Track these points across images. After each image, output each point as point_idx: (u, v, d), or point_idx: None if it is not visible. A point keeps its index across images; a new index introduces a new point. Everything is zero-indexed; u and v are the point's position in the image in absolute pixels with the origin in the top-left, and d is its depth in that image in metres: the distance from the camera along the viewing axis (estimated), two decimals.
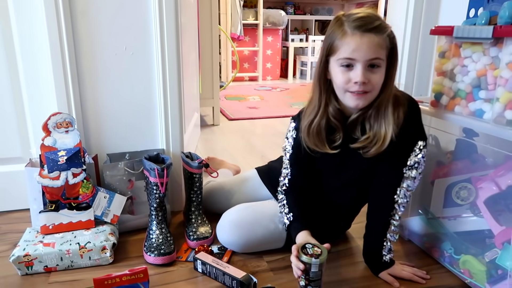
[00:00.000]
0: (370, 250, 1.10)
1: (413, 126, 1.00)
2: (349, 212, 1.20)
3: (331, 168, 1.09)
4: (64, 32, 1.20)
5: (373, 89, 0.92)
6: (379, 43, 0.88)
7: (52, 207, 1.16)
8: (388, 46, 0.91)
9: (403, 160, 1.00)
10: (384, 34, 0.89)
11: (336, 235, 1.25)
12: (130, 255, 1.16)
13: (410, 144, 1.00)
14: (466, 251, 1.04)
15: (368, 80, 0.90)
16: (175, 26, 1.27)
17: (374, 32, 0.88)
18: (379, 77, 0.91)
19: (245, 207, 1.18)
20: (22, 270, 1.05)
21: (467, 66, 0.98)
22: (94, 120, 1.31)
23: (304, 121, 1.01)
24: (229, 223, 1.14)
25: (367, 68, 0.90)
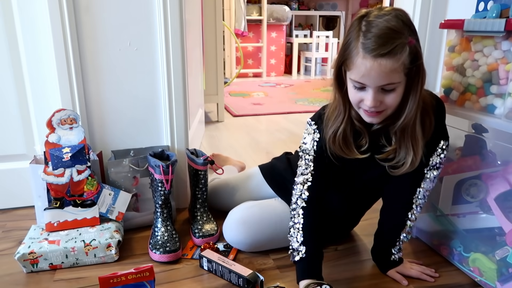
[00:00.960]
0: (381, 249, 1.08)
1: (438, 126, 0.94)
2: (362, 211, 1.18)
3: (353, 171, 1.02)
4: (68, 28, 1.19)
5: (387, 108, 0.85)
6: (392, 68, 0.77)
7: (57, 204, 1.15)
8: (406, 65, 0.79)
9: (425, 161, 0.95)
10: (401, 55, 0.77)
11: (344, 233, 1.24)
12: (135, 252, 1.15)
13: (433, 144, 0.94)
14: (476, 249, 1.02)
15: (380, 103, 0.83)
16: (179, 22, 1.26)
17: (387, 57, 0.76)
18: (393, 98, 0.83)
19: (251, 205, 1.17)
20: (27, 268, 1.05)
21: (477, 61, 0.96)
22: (98, 116, 1.30)
23: (329, 130, 0.92)
24: (236, 222, 1.13)
25: (380, 91, 0.82)
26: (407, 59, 0.78)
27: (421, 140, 0.88)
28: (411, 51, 0.78)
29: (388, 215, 1.06)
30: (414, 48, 0.78)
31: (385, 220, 1.07)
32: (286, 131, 2.54)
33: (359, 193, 1.10)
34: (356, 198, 1.12)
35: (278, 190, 1.23)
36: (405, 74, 0.80)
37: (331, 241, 1.20)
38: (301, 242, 0.95)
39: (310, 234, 0.96)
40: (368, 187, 1.08)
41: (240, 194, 1.32)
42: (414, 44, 0.78)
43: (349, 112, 0.91)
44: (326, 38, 5.07)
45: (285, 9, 5.04)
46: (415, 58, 0.79)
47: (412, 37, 0.78)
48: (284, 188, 1.19)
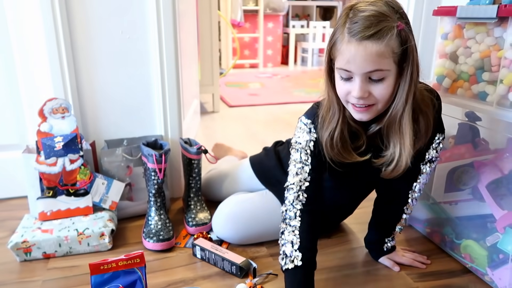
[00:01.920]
0: (375, 238, 1.08)
1: (436, 121, 0.89)
2: (354, 202, 1.17)
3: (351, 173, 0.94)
4: (59, 16, 1.17)
5: (378, 102, 0.78)
6: (378, 52, 0.72)
7: (50, 193, 1.15)
8: (396, 50, 0.73)
9: (421, 156, 0.91)
10: (386, 38, 0.72)
11: (338, 222, 1.24)
12: (129, 241, 1.15)
13: (429, 140, 0.90)
14: (467, 236, 1.03)
15: (368, 93, 0.77)
16: (172, 10, 1.25)
17: (373, 40, 0.71)
18: (383, 88, 0.76)
19: (240, 200, 1.16)
20: (21, 257, 1.05)
21: (470, 48, 0.96)
22: (91, 106, 1.29)
23: (324, 133, 0.85)
24: (225, 217, 1.12)
25: (368, 80, 0.76)
26: (396, 44, 0.73)
27: (409, 138, 0.80)
28: (401, 36, 0.73)
29: (384, 208, 1.05)
30: (403, 33, 0.73)
31: (381, 213, 1.06)
32: (282, 121, 2.53)
33: (353, 186, 1.08)
34: (351, 190, 1.10)
35: (268, 185, 1.21)
36: (395, 62, 0.74)
37: (324, 230, 1.21)
38: (298, 248, 0.84)
39: (307, 239, 0.85)
40: (361, 181, 1.05)
41: (232, 185, 1.31)
42: (403, 29, 0.73)
43: (344, 111, 0.84)
44: (323, 29, 5.05)
45: (281, 0, 5.00)
46: (404, 42, 0.74)
47: (402, 22, 0.73)
48: (274, 183, 1.18)
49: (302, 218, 0.87)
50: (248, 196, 1.19)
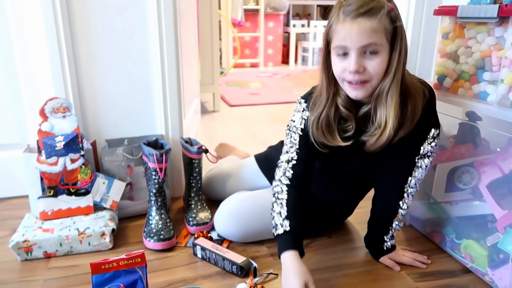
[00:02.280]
0: (374, 236, 1.08)
1: (429, 115, 0.93)
2: (351, 201, 1.18)
3: (337, 159, 1.01)
4: (59, 15, 1.17)
5: (372, 78, 0.83)
6: (372, 27, 0.79)
7: (51, 193, 1.15)
8: (387, 27, 0.80)
9: (415, 149, 0.95)
10: (379, 15, 0.79)
11: (338, 222, 1.24)
12: (129, 240, 1.15)
13: (423, 133, 0.94)
14: (467, 235, 1.03)
15: (364, 68, 0.82)
16: (172, 9, 1.25)
17: (366, 16, 0.79)
18: (377, 63, 0.82)
19: (242, 198, 1.16)
20: (22, 256, 1.05)
21: (471, 47, 0.95)
22: (92, 105, 1.29)
23: (313, 114, 0.92)
24: (227, 214, 1.12)
25: (363, 55, 0.82)
26: (387, 22, 0.80)
27: (393, 111, 0.85)
28: (390, 15, 0.80)
29: (380, 204, 1.06)
30: (393, 13, 0.81)
31: (377, 209, 1.07)
32: (283, 121, 2.53)
33: (348, 183, 1.10)
34: (346, 188, 1.12)
35: (272, 179, 1.22)
36: (387, 40, 0.81)
37: (325, 230, 1.21)
38: (285, 217, 0.92)
39: (294, 210, 0.93)
40: (355, 177, 1.08)
41: (234, 184, 1.32)
42: (393, 9, 0.81)
43: (333, 97, 0.90)
44: (323, 28, 5.03)
45: None
46: (394, 21, 0.81)
47: (391, 4, 0.81)
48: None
49: (289, 193, 0.95)
50: (250, 193, 1.19)
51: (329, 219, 1.19)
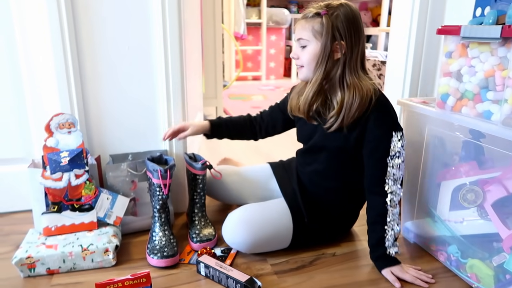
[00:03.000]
0: (374, 242, 1.09)
1: (382, 118, 1.06)
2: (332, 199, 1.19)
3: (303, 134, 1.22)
4: (66, 31, 1.19)
5: (303, 64, 1.08)
6: (304, 26, 1.06)
7: (55, 208, 1.15)
8: (316, 28, 1.03)
9: (383, 152, 1.06)
10: (312, 20, 1.04)
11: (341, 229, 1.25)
12: (133, 257, 1.15)
13: (386, 137, 1.05)
14: (473, 255, 1.02)
15: (297, 56, 1.09)
16: (178, 24, 1.26)
17: (304, 18, 1.07)
18: (304, 54, 1.07)
19: (251, 206, 1.17)
20: (25, 272, 1.05)
21: (474, 67, 0.96)
22: (96, 121, 1.30)
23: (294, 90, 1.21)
24: (236, 221, 1.13)
25: (299, 47, 1.08)
26: (316, 25, 1.03)
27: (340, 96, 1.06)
28: (321, 21, 1.03)
29: (370, 207, 1.12)
30: (326, 18, 1.02)
31: (369, 212, 1.12)
32: (286, 134, 2.52)
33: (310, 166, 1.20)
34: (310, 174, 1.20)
35: (283, 189, 1.25)
36: (315, 37, 1.04)
37: (330, 240, 1.22)
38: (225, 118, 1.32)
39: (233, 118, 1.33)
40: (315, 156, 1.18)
41: (247, 188, 1.35)
42: (326, 14, 1.02)
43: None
44: None
45: (284, 13, 5.05)
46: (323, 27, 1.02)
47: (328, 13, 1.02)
48: (289, 187, 1.23)
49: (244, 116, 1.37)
50: (259, 203, 1.20)
51: (331, 224, 1.20)
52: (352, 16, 1.04)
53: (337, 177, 1.17)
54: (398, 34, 1.55)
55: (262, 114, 1.35)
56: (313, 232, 1.17)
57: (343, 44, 1.03)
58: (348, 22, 1.03)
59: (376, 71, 3.30)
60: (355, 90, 1.04)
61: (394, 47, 1.59)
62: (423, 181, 1.18)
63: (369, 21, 5.69)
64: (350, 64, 1.05)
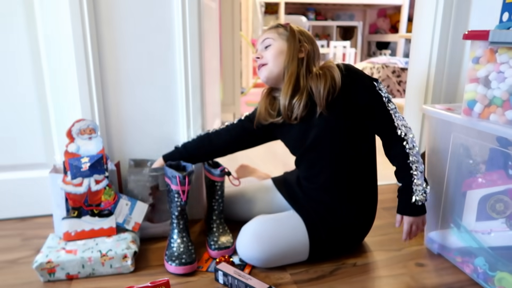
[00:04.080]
0: (401, 185, 1.10)
1: (357, 79, 1.11)
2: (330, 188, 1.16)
3: (293, 139, 1.22)
4: (89, 40, 1.21)
5: (267, 61, 1.15)
6: (269, 31, 1.18)
7: (75, 213, 1.16)
8: (280, 32, 1.16)
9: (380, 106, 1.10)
10: (277, 28, 1.17)
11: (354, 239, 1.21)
12: (151, 263, 1.14)
13: (372, 93, 1.10)
14: (502, 267, 0.98)
15: (261, 56, 1.16)
16: (197, 34, 1.27)
17: (269, 28, 1.19)
18: (269, 51, 1.15)
19: (265, 219, 1.14)
20: (45, 277, 1.05)
21: (503, 72, 0.93)
22: (117, 127, 1.31)
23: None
24: (250, 237, 1.10)
25: (263, 49, 1.17)
26: (281, 29, 1.17)
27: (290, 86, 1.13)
28: (286, 28, 1.17)
29: (391, 156, 1.13)
30: (290, 27, 1.17)
31: (392, 160, 1.14)
32: None
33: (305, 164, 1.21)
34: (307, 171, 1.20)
35: (291, 201, 1.23)
36: (279, 36, 1.15)
37: (351, 251, 1.19)
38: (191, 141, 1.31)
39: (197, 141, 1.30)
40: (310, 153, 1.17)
41: (256, 205, 1.31)
42: (289, 25, 1.18)
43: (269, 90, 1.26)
44: (343, 48, 5.05)
45: (302, 20, 5.04)
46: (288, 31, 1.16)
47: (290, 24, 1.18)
48: (296, 201, 1.21)
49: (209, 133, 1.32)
50: (272, 215, 1.18)
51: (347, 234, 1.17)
52: (307, 31, 1.20)
53: (342, 175, 1.15)
54: (420, 40, 1.53)
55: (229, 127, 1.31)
56: (330, 244, 1.14)
57: (306, 46, 1.15)
58: (306, 33, 1.18)
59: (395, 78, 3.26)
60: (318, 73, 1.12)
61: (417, 53, 1.56)
62: (448, 190, 1.15)
63: (388, 27, 5.64)
64: (313, 60, 1.17)
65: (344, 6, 5.77)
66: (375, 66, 3.32)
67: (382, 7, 5.55)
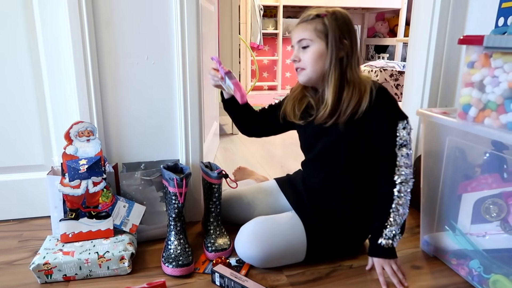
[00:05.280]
0: (373, 226, 1.10)
1: (384, 109, 1.07)
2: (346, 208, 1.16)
3: (305, 139, 1.23)
4: (87, 42, 1.21)
5: (305, 66, 1.08)
6: (305, 28, 1.06)
7: (72, 215, 1.16)
8: (318, 28, 1.05)
9: (390, 143, 1.06)
10: (312, 21, 1.06)
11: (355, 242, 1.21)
12: (148, 265, 1.15)
13: (391, 127, 1.06)
14: (496, 270, 0.98)
15: (299, 59, 1.09)
16: (196, 36, 1.27)
17: (302, 22, 1.08)
18: (307, 54, 1.07)
19: (264, 219, 1.16)
20: (42, 278, 1.06)
21: (498, 77, 0.94)
22: (115, 129, 1.32)
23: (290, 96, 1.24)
24: (248, 236, 1.11)
25: (300, 49, 1.08)
26: (319, 25, 1.05)
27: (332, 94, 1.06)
28: (323, 20, 1.05)
29: (378, 190, 1.10)
30: (327, 19, 1.05)
31: (377, 199, 1.11)
32: None
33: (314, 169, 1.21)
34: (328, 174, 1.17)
35: (293, 203, 1.22)
36: (319, 37, 1.05)
37: (347, 253, 1.20)
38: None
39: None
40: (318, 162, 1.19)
41: (255, 207, 1.32)
42: (326, 15, 1.05)
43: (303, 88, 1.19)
44: None
45: None
46: (326, 27, 1.04)
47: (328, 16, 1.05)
48: (300, 201, 1.21)
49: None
50: (271, 215, 1.19)
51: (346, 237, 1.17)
52: (348, 18, 1.09)
53: (347, 180, 1.15)
54: (417, 44, 1.54)
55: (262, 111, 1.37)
56: (328, 245, 1.15)
57: (346, 43, 1.06)
58: (346, 23, 1.07)
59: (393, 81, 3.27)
60: (354, 85, 1.06)
61: (413, 57, 1.57)
62: (443, 193, 1.15)
63: (386, 31, 5.66)
64: (352, 61, 1.08)
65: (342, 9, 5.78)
66: (373, 70, 3.33)
67: (381, 11, 5.58)
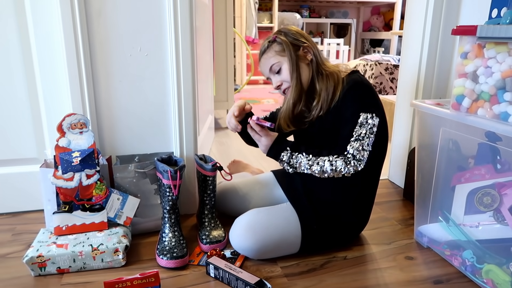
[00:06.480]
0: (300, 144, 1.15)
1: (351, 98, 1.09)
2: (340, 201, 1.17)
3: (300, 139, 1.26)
4: (79, 33, 1.20)
5: (289, 82, 1.15)
6: (268, 56, 1.16)
7: (66, 208, 1.16)
8: (277, 50, 1.15)
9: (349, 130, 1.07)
10: (270, 49, 1.16)
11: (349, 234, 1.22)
12: (142, 257, 1.15)
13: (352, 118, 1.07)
14: (489, 260, 0.99)
15: (280, 82, 1.17)
16: (189, 30, 1.26)
17: (263, 53, 1.18)
18: (284, 73, 1.15)
19: (258, 211, 1.16)
20: (35, 271, 1.05)
21: (491, 67, 0.94)
22: (108, 121, 1.31)
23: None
24: (243, 227, 1.12)
25: (275, 75, 1.18)
26: (276, 47, 1.15)
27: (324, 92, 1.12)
28: (278, 42, 1.15)
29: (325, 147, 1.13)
30: (279, 39, 1.14)
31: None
32: None
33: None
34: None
35: (289, 194, 1.23)
36: (281, 56, 1.14)
37: (341, 245, 1.20)
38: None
39: None
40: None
41: (251, 199, 1.32)
42: (276, 37, 1.15)
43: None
44: (337, 46, 5.06)
45: (296, 17, 5.05)
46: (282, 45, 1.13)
47: (278, 36, 1.15)
48: (296, 193, 1.21)
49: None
50: (266, 207, 1.19)
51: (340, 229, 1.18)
52: (294, 28, 1.17)
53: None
54: (411, 36, 1.54)
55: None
56: (323, 237, 1.16)
57: (307, 46, 1.15)
58: (295, 32, 1.16)
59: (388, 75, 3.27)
60: (327, 77, 1.13)
61: (408, 49, 1.57)
62: (437, 185, 1.16)
63: (382, 25, 5.66)
64: (319, 58, 1.17)
65: (338, 3, 5.78)
66: (368, 63, 3.33)
67: (376, 4, 5.57)
